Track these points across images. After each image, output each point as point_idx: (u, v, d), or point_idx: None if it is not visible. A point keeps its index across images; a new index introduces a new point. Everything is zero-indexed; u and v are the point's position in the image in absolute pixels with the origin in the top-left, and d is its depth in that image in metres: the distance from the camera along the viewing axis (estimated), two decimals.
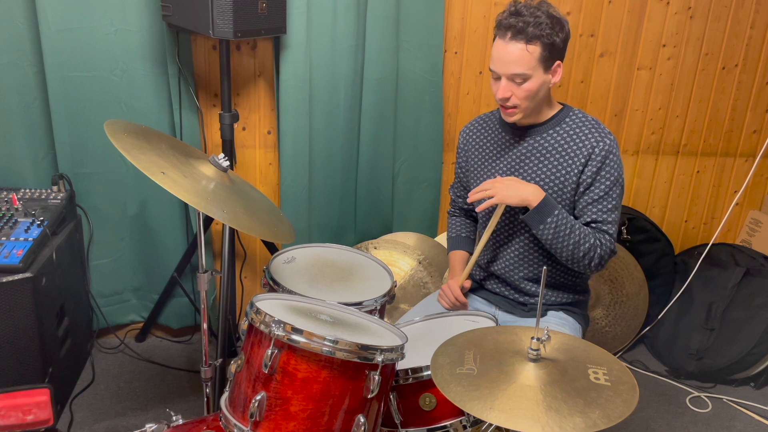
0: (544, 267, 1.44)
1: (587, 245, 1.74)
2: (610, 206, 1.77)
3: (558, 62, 1.74)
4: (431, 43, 2.57)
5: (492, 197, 1.75)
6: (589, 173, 1.76)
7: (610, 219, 1.77)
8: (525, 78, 1.70)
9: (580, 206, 1.79)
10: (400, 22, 2.52)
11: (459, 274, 2.00)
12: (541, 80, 1.72)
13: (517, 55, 1.68)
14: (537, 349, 1.38)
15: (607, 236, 1.77)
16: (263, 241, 2.70)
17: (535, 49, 1.68)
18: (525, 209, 1.77)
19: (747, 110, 2.90)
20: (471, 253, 2.07)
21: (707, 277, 2.82)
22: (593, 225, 1.77)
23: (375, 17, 2.47)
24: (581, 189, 1.78)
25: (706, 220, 3.08)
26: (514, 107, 1.75)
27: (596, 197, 1.76)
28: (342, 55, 2.49)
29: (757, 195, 3.08)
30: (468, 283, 1.97)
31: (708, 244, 2.84)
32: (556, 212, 1.73)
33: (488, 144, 1.94)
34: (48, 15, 2.26)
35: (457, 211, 2.16)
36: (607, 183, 1.76)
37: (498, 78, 1.74)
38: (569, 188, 1.79)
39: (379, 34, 2.49)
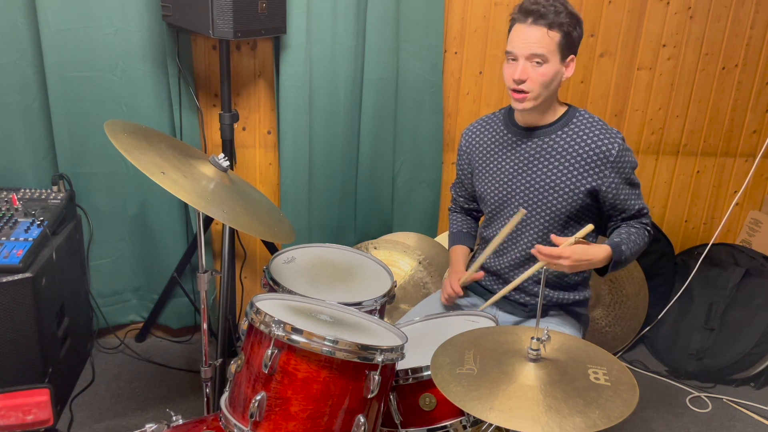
0: (544, 267, 1.44)
1: (646, 239, 1.85)
2: (638, 191, 1.86)
3: (572, 56, 1.77)
4: (431, 43, 2.57)
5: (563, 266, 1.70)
6: (612, 176, 1.78)
7: (642, 202, 1.86)
8: (543, 60, 1.72)
9: (620, 206, 1.83)
10: (400, 22, 2.52)
11: (459, 269, 2.01)
12: (557, 68, 1.74)
13: (538, 36, 1.70)
14: (537, 349, 1.38)
15: (647, 216, 1.87)
16: (263, 241, 2.70)
17: (555, 35, 1.71)
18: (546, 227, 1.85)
19: (747, 110, 2.90)
20: (471, 249, 2.08)
21: (707, 277, 2.82)
22: (638, 214, 1.85)
23: (375, 17, 2.47)
24: (612, 192, 1.80)
25: (706, 220, 3.08)
26: (527, 92, 1.75)
27: (629, 192, 1.82)
28: (342, 55, 2.49)
29: (757, 195, 3.08)
30: (479, 275, 1.97)
31: (708, 244, 2.84)
32: (624, 248, 1.75)
33: (493, 145, 1.94)
34: (48, 15, 2.26)
35: (458, 208, 2.16)
36: (630, 176, 1.82)
37: (514, 60, 1.75)
38: (582, 191, 1.80)
39: (379, 35, 2.49)
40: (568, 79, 1.80)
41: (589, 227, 1.70)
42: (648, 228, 1.86)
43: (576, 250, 1.66)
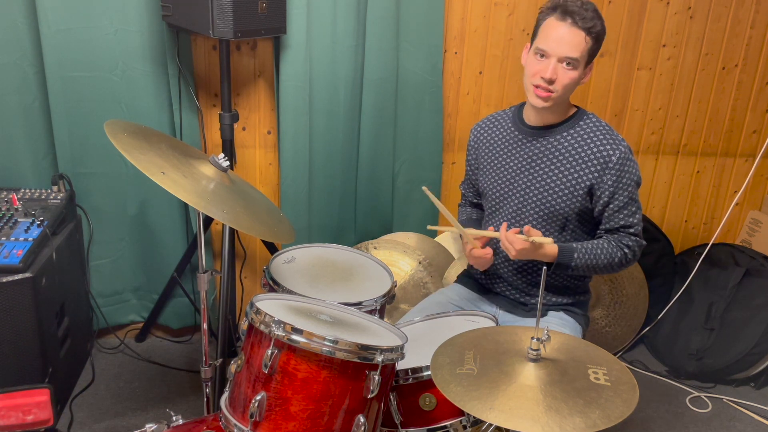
0: (544, 267, 1.44)
1: (617, 258, 1.80)
2: (634, 208, 1.81)
3: (592, 63, 1.79)
4: (431, 43, 2.57)
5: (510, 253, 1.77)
6: (609, 182, 1.78)
7: (635, 221, 1.82)
8: (574, 65, 1.72)
9: (608, 214, 1.82)
10: (400, 22, 2.52)
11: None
12: (581, 73, 1.76)
13: (577, 40, 1.70)
14: (537, 349, 1.38)
15: (633, 237, 1.82)
16: (263, 241, 2.70)
17: (589, 41, 1.72)
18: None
19: (747, 110, 2.90)
20: None
21: (707, 277, 2.82)
22: (622, 230, 1.82)
23: (375, 17, 2.47)
24: (604, 198, 1.80)
25: (706, 220, 3.08)
26: (552, 92, 1.75)
27: (621, 204, 1.80)
28: (342, 55, 2.49)
29: (757, 195, 3.08)
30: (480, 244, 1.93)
31: (708, 244, 2.84)
32: (576, 255, 1.76)
33: (500, 143, 1.95)
34: (48, 15, 2.26)
35: (467, 203, 2.18)
36: (629, 189, 1.80)
37: (543, 57, 1.74)
38: (581, 191, 1.81)
39: (379, 34, 2.49)
40: (584, 83, 1.81)
41: (549, 239, 1.75)
42: (625, 249, 1.81)
43: (527, 248, 1.73)
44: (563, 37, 1.71)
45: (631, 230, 1.82)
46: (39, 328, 2.04)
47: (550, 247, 1.76)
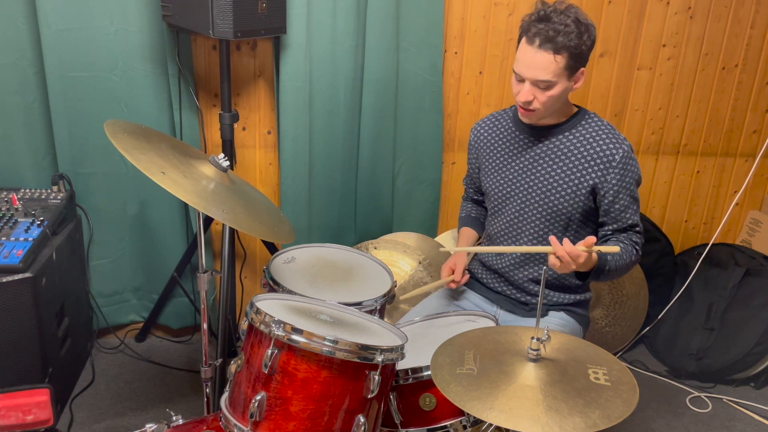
0: (544, 267, 1.44)
1: (633, 258, 1.81)
2: (636, 206, 1.83)
3: (582, 69, 1.74)
4: (431, 43, 2.57)
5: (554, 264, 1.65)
6: (613, 182, 1.78)
7: (637, 218, 1.84)
8: (550, 85, 1.70)
9: (614, 214, 1.81)
10: (400, 22, 2.52)
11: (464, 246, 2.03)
12: (565, 87, 1.73)
13: (544, 63, 1.67)
14: (537, 349, 1.38)
15: (638, 235, 1.84)
16: (263, 241, 2.70)
17: (562, 59, 1.67)
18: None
19: (747, 110, 2.90)
20: (479, 233, 2.10)
21: (707, 277, 2.82)
22: (630, 229, 1.83)
23: (375, 17, 2.47)
24: (608, 198, 1.79)
25: (706, 220, 3.08)
26: (534, 110, 1.75)
27: (626, 203, 1.80)
28: (342, 55, 2.49)
29: (757, 195, 3.08)
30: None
31: (708, 244, 2.84)
32: (609, 257, 1.74)
33: (501, 143, 1.95)
34: (48, 15, 2.26)
35: (469, 198, 2.20)
36: (632, 188, 1.80)
37: (521, 80, 1.73)
38: (584, 191, 1.81)
39: (379, 34, 2.49)
40: (578, 88, 1.79)
41: (616, 248, 1.63)
42: (637, 247, 1.83)
43: (582, 259, 1.60)
44: (530, 62, 1.68)
45: (637, 228, 1.84)
46: (39, 328, 2.04)
47: (586, 263, 1.66)
